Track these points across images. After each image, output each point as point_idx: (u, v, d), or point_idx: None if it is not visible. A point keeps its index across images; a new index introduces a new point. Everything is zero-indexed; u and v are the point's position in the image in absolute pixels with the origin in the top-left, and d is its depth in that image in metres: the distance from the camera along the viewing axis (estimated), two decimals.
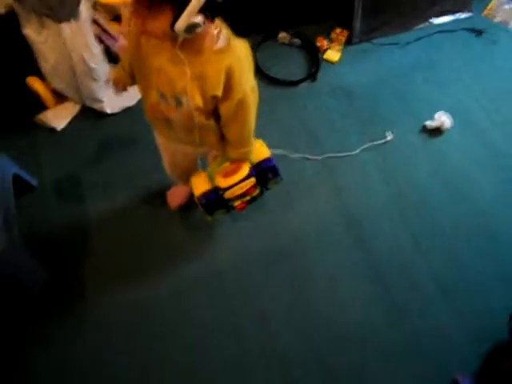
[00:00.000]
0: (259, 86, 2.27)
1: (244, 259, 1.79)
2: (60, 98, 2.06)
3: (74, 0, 1.66)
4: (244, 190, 1.44)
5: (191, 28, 0.96)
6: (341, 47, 2.40)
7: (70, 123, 2.06)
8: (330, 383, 1.59)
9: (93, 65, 1.89)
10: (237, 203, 1.50)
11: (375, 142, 2.11)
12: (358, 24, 2.37)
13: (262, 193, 1.54)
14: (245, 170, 1.41)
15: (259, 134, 1.35)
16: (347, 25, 2.40)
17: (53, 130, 2.03)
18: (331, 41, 2.40)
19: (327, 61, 2.37)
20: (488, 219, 1.95)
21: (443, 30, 2.56)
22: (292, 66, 2.36)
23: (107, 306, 1.66)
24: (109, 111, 2.06)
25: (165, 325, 1.65)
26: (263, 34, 2.41)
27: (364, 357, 1.63)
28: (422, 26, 2.56)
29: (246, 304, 1.70)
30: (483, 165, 2.10)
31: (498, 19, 2.65)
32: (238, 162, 1.39)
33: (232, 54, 1.08)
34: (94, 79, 1.95)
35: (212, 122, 1.24)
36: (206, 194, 1.45)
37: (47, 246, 1.76)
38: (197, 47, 1.06)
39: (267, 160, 1.47)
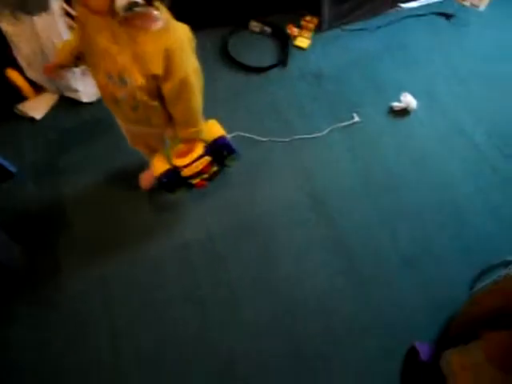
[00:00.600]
0: (231, 74, 2.38)
1: (210, 235, 1.86)
2: (39, 88, 2.14)
3: None
4: (200, 167, 1.53)
5: (131, 6, 1.02)
6: (311, 34, 2.46)
7: (48, 112, 2.15)
8: (294, 354, 1.65)
9: None
10: (196, 181, 1.59)
11: (342, 124, 2.17)
12: (326, 11, 2.44)
13: (220, 170, 1.63)
14: (199, 148, 1.50)
15: (229, 119, 1.42)
16: (317, 12, 2.46)
17: (32, 119, 2.12)
18: (301, 28, 2.47)
19: (298, 47, 2.44)
20: (452, 194, 2.02)
21: (413, 14, 2.62)
22: (263, 53, 2.43)
23: (80, 281, 1.74)
24: (85, 100, 2.15)
25: (133, 298, 1.72)
26: (235, 24, 2.48)
27: (328, 326, 1.70)
28: (392, 11, 2.62)
29: (212, 277, 1.78)
30: (448, 143, 2.16)
31: (468, 3, 2.70)
32: (189, 141, 1.46)
33: (172, 35, 1.14)
34: (69, 70, 2.04)
35: (157, 103, 1.30)
36: (165, 173, 1.54)
37: (26, 228, 1.85)
38: (137, 27, 1.12)
39: (221, 138, 1.54)
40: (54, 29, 1.88)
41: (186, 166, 1.51)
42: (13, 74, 2.07)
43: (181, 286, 1.75)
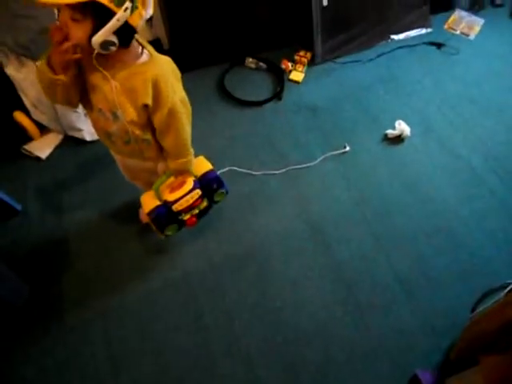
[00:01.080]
0: (227, 109, 2.46)
1: (209, 265, 1.89)
2: (44, 129, 2.25)
3: (45, 40, 1.86)
4: (191, 202, 1.55)
5: (106, 44, 1.08)
6: (304, 68, 2.55)
7: (53, 152, 2.24)
8: (293, 382, 1.64)
9: None
10: (186, 217, 1.60)
11: (335, 152, 2.22)
12: (319, 45, 2.53)
13: (210, 206, 1.65)
14: (189, 182, 1.52)
15: (225, 153, 1.44)
16: (310, 46, 2.56)
17: (38, 158, 2.21)
18: (295, 62, 2.57)
19: (292, 81, 2.52)
20: (447, 219, 2.03)
21: (404, 45, 2.71)
22: (259, 88, 2.52)
23: (82, 315, 1.77)
24: (88, 138, 2.24)
25: (134, 330, 1.75)
26: (231, 61, 2.58)
27: (327, 356, 1.69)
28: (383, 42, 2.70)
29: (212, 306, 1.79)
30: (442, 168, 2.19)
31: (458, 32, 2.78)
32: (179, 173, 1.50)
33: (156, 66, 1.21)
34: (73, 111, 2.13)
35: (149, 136, 1.36)
36: (155, 209, 1.54)
37: (29, 263, 1.90)
38: (123, 63, 1.19)
39: (210, 172, 1.58)
40: None
41: (176, 201, 1.52)
42: (19, 116, 2.18)
43: (180, 317, 1.77)
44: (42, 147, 2.24)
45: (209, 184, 1.58)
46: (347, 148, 2.23)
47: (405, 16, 2.69)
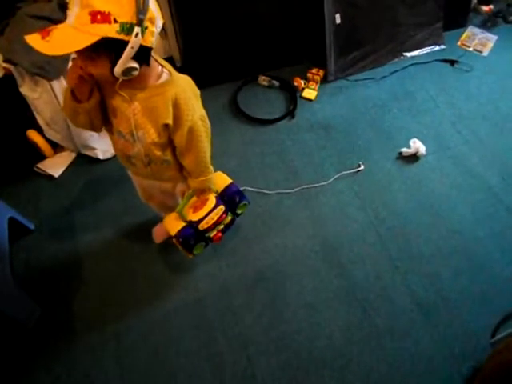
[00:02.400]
0: (240, 127, 2.45)
1: (223, 287, 1.86)
2: (57, 147, 2.25)
3: (60, 60, 1.87)
4: (216, 218, 1.54)
5: (128, 71, 1.07)
6: (317, 86, 2.54)
7: (66, 170, 2.24)
8: None
9: None
10: (213, 234, 1.59)
11: (350, 171, 2.20)
12: (331, 63, 2.52)
13: (233, 220, 1.64)
14: (212, 200, 1.53)
15: (238, 172, 1.43)
16: (322, 64, 2.55)
17: (51, 177, 2.21)
18: (308, 80, 2.56)
19: (305, 99, 2.52)
20: (465, 240, 1.98)
21: (417, 62, 2.69)
22: (272, 106, 2.51)
23: (93, 336, 1.75)
24: (101, 157, 2.24)
25: (146, 353, 1.72)
26: (244, 79, 2.59)
27: (343, 381, 1.64)
28: (396, 60, 2.69)
29: (226, 330, 1.76)
30: (459, 187, 2.16)
31: (471, 49, 2.77)
32: (201, 192, 1.50)
33: (176, 85, 1.20)
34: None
35: (169, 157, 1.35)
36: (181, 231, 1.53)
37: (41, 283, 1.88)
38: (144, 84, 1.18)
39: (231, 186, 1.59)
40: None
41: (202, 220, 1.52)
42: (33, 135, 2.19)
43: (193, 341, 1.74)
44: (55, 165, 2.24)
45: (232, 198, 1.58)
46: (362, 167, 2.21)
47: (418, 33, 2.68)
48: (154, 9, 1.02)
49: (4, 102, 2.05)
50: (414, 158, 2.25)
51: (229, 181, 1.61)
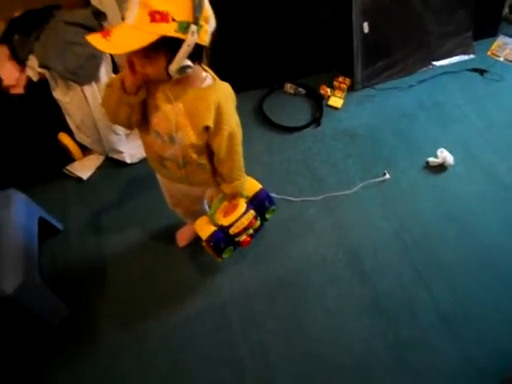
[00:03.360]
0: (266, 133, 2.46)
1: (245, 292, 1.86)
2: (86, 150, 2.30)
3: (92, 65, 1.92)
4: (246, 223, 1.56)
5: (183, 69, 1.09)
6: (344, 94, 2.54)
7: (94, 173, 2.28)
8: None
9: None
10: (242, 238, 1.60)
11: (376, 180, 2.18)
12: (358, 72, 2.52)
13: (262, 224, 1.65)
14: (242, 205, 1.55)
15: (263, 178, 1.43)
16: (349, 73, 2.55)
17: (79, 179, 2.25)
18: (334, 88, 2.56)
19: (331, 107, 2.51)
20: (493, 254, 1.94)
21: (446, 71, 2.66)
22: (297, 113, 2.51)
23: (116, 337, 1.77)
24: (128, 161, 2.28)
25: (167, 357, 1.73)
26: (270, 86, 2.60)
27: None
28: (424, 69, 2.66)
29: (247, 336, 1.76)
30: (488, 199, 2.11)
31: (502, 58, 2.72)
32: (233, 197, 1.51)
33: (219, 91, 1.22)
34: (115, 133, 2.18)
35: (204, 160, 1.36)
36: (213, 235, 1.55)
37: (67, 283, 1.92)
38: (189, 86, 1.20)
39: (261, 191, 1.60)
40: (101, 96, 2.04)
41: (232, 224, 1.53)
42: (64, 138, 2.24)
43: (214, 346, 1.74)
44: (84, 168, 2.29)
45: (261, 203, 1.60)
46: (387, 176, 2.18)
47: (447, 42, 2.65)
48: (208, 8, 1.05)
49: (38, 105, 2.11)
50: (442, 167, 2.22)
51: (259, 186, 1.62)
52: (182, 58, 1.06)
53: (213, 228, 1.56)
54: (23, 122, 2.30)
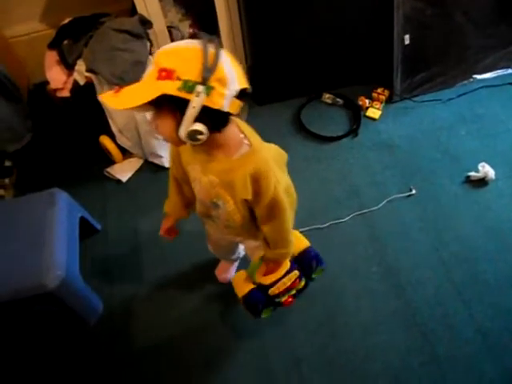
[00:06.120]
0: (303, 143, 2.45)
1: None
2: (126, 153, 2.36)
3: (137, 71, 1.97)
4: (288, 284, 1.40)
5: (194, 135, 0.99)
6: (382, 105, 2.52)
7: (133, 175, 2.34)
8: None
9: None
10: (283, 299, 1.45)
11: (414, 193, 2.15)
12: (398, 83, 2.50)
13: (307, 284, 1.50)
14: (286, 264, 1.38)
15: (300, 188, 1.37)
16: (388, 84, 2.53)
17: (119, 181, 2.31)
18: (372, 99, 2.54)
19: (369, 118, 2.50)
20: None
21: (487, 85, 2.60)
22: (335, 123, 2.51)
23: (149, 339, 1.80)
24: (167, 165, 2.31)
25: (201, 362, 1.74)
26: (308, 95, 2.61)
27: None
28: (465, 82, 2.62)
29: (279, 347, 1.74)
30: None
31: None
32: (273, 261, 1.38)
33: (255, 159, 1.11)
34: (156, 137, 2.23)
35: (249, 222, 1.28)
36: (250, 294, 1.41)
37: (103, 283, 1.96)
38: (221, 154, 1.11)
39: (309, 250, 1.45)
40: None
41: (273, 284, 1.38)
42: (105, 141, 2.31)
43: (244, 356, 1.74)
44: (124, 171, 2.34)
45: (309, 263, 1.44)
46: (413, 191, 2.16)
47: (489, 55, 2.60)
48: (227, 70, 0.94)
49: (82, 108, 2.18)
50: (483, 182, 2.17)
51: (306, 244, 1.46)
52: (188, 121, 0.96)
53: (251, 286, 1.42)
54: (67, 125, 2.39)
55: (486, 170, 2.15)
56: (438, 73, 2.57)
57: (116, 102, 0.97)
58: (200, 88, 0.91)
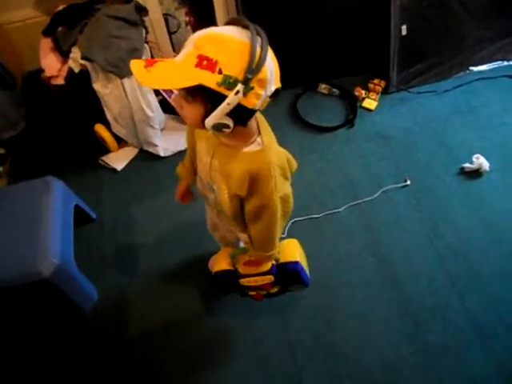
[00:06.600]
0: (299, 133, 2.44)
1: None
2: (121, 142, 2.35)
3: (134, 57, 1.95)
4: (259, 283, 1.41)
5: (219, 127, 0.97)
6: (378, 96, 2.52)
7: (128, 164, 2.33)
8: None
9: (150, 113, 2.17)
10: (252, 293, 1.49)
11: (409, 184, 2.16)
12: (394, 75, 2.50)
13: (282, 292, 1.51)
14: (267, 265, 1.38)
15: (296, 178, 1.35)
16: (384, 75, 2.53)
17: (114, 170, 2.30)
18: (369, 90, 2.54)
19: (365, 108, 2.50)
20: None
21: (484, 77, 2.61)
22: (331, 114, 2.51)
23: (144, 326, 1.81)
24: (162, 154, 2.31)
25: (197, 352, 1.75)
26: (304, 86, 2.61)
27: None
28: (461, 74, 2.63)
29: (275, 336, 1.76)
30: None
31: None
32: (257, 260, 1.38)
33: (262, 160, 1.08)
34: (151, 126, 2.22)
35: (238, 215, 1.25)
36: (223, 272, 1.44)
37: (98, 270, 1.96)
38: (231, 143, 1.10)
39: (293, 264, 1.41)
40: (140, 89, 2.08)
41: (246, 276, 1.40)
42: (100, 129, 2.29)
43: (240, 342, 1.75)
44: (119, 159, 2.33)
45: (286, 275, 1.42)
46: (408, 182, 2.17)
47: (486, 47, 2.60)
48: (269, 72, 0.92)
49: (77, 96, 2.16)
50: (477, 173, 2.18)
51: (294, 257, 1.42)
52: (219, 114, 0.93)
53: (227, 266, 1.44)
54: (62, 112, 2.37)
55: (481, 161, 2.16)
56: (434, 64, 2.57)
57: (148, 78, 0.92)
58: (240, 87, 0.88)
